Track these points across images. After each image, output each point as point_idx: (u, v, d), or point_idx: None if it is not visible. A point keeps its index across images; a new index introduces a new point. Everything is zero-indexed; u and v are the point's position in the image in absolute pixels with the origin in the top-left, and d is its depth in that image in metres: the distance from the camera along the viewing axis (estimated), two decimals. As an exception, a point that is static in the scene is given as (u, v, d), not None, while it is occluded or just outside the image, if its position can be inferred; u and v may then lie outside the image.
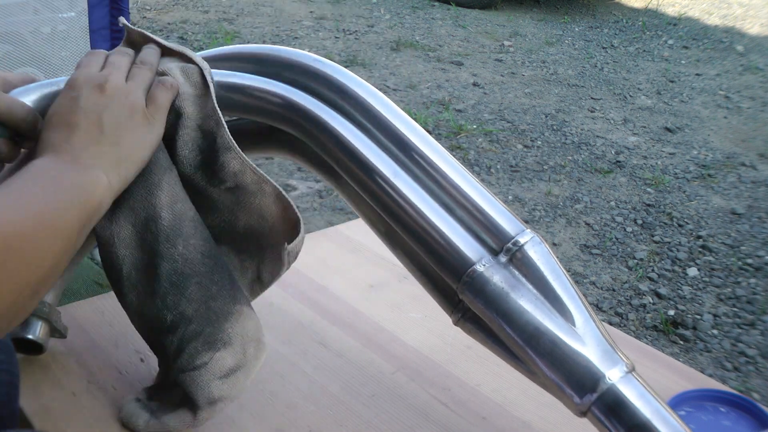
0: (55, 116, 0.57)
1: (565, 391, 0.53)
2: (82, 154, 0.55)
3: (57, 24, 1.62)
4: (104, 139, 0.56)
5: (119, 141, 0.57)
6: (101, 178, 0.55)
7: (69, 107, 0.57)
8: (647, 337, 1.91)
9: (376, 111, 0.63)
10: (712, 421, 0.73)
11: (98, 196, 0.54)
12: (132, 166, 0.58)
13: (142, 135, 0.58)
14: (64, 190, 0.53)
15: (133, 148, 0.58)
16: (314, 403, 0.76)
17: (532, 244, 0.57)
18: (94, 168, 0.55)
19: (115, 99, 0.57)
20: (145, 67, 0.61)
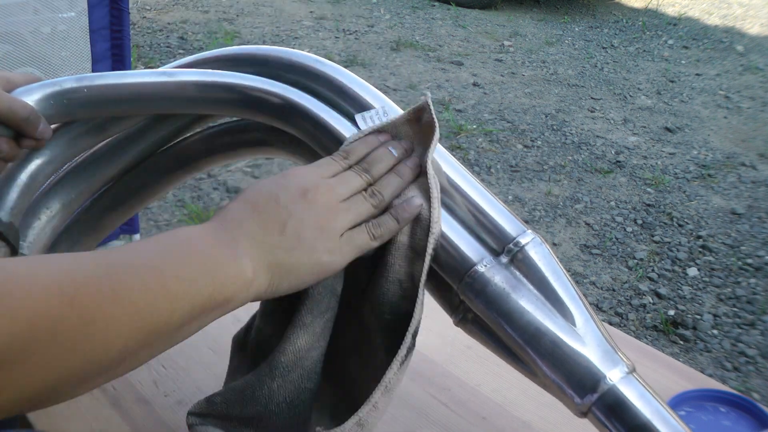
0: (250, 192, 0.51)
1: (565, 392, 0.53)
2: (244, 239, 0.47)
3: (57, 24, 1.62)
4: (279, 239, 0.48)
5: (292, 249, 0.49)
6: (247, 272, 0.46)
7: (268, 190, 0.50)
8: (647, 337, 1.91)
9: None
10: (712, 421, 0.73)
11: (231, 291, 0.45)
12: (287, 281, 0.49)
13: (317, 257, 0.50)
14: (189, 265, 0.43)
15: (302, 265, 0.49)
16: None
17: (533, 245, 0.56)
18: (247, 259, 0.47)
19: (315, 210, 0.50)
20: (371, 201, 0.53)
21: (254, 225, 0.48)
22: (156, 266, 0.42)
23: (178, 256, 0.44)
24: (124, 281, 0.40)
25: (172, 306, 0.41)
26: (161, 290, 0.41)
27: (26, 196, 0.64)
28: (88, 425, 0.71)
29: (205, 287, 0.44)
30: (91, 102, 0.63)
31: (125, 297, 0.40)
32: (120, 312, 0.39)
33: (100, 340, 0.38)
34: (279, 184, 0.51)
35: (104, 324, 0.38)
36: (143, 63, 3.67)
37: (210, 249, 0.46)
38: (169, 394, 0.76)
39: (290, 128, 0.66)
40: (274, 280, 0.48)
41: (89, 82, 0.62)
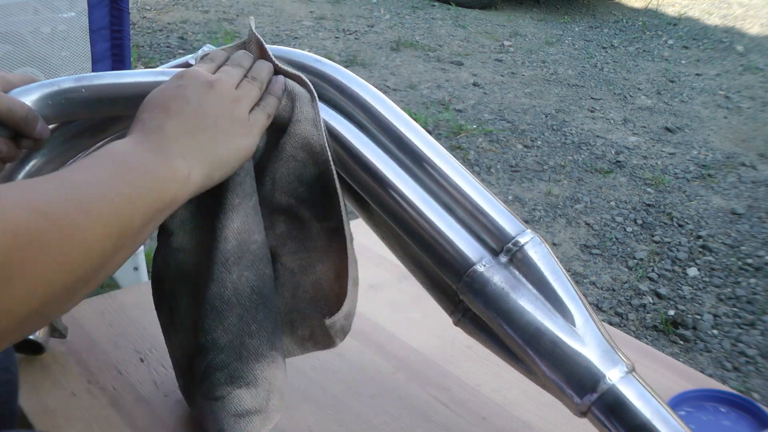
0: (155, 99, 0.55)
1: (565, 392, 0.53)
2: (171, 142, 0.52)
3: (57, 24, 1.62)
4: (201, 133, 0.53)
5: (215, 139, 0.54)
6: (182, 170, 0.51)
7: (173, 93, 0.55)
8: (647, 337, 1.91)
9: (376, 111, 0.63)
10: (712, 421, 0.73)
11: (173, 191, 0.50)
12: (219, 169, 0.55)
13: (238, 141, 0.56)
14: (134, 176, 0.48)
15: (228, 151, 0.55)
16: (314, 403, 0.76)
17: (533, 245, 0.56)
18: (179, 159, 0.51)
19: (222, 100, 0.56)
20: (255, 83, 0.60)
21: (174, 127, 0.52)
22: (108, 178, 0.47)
23: (123, 168, 0.48)
24: (87, 194, 0.44)
25: (131, 210, 0.46)
26: (118, 197, 0.46)
27: (25, 195, 0.63)
28: (88, 425, 0.71)
29: (152, 190, 0.48)
30: (90, 102, 0.62)
31: (92, 207, 0.44)
32: (91, 220, 0.43)
33: (81, 247, 0.42)
34: (180, 84, 0.56)
35: (80, 232, 0.42)
36: (143, 63, 3.67)
37: (145, 157, 0.50)
38: (169, 394, 0.76)
39: (290, 128, 0.65)
40: (208, 172, 0.53)
41: (87, 82, 0.62)
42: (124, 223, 0.45)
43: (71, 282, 0.42)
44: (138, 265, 1.60)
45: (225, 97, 0.56)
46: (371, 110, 0.63)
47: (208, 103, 0.55)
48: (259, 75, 0.61)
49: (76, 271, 0.42)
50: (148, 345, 0.83)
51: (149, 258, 1.96)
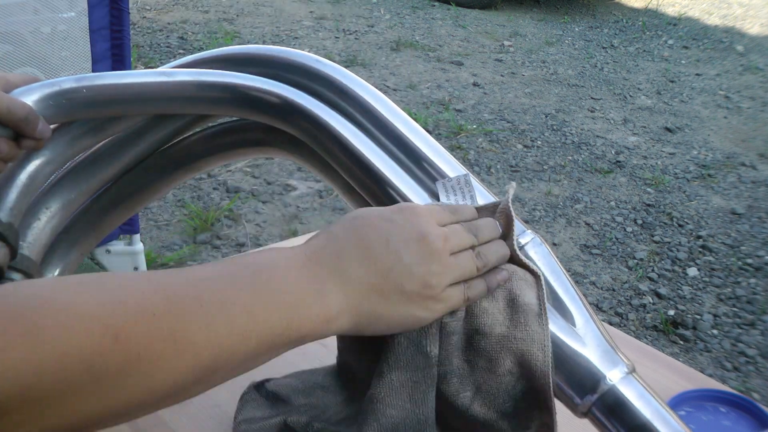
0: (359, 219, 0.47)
1: (565, 392, 0.53)
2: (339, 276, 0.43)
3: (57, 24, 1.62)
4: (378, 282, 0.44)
5: (389, 298, 0.45)
6: (331, 310, 0.42)
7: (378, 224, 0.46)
8: (647, 337, 1.91)
9: (376, 111, 0.63)
10: (712, 421, 0.73)
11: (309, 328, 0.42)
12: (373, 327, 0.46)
13: (413, 311, 0.46)
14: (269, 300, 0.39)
15: (394, 313, 0.45)
16: (314, 403, 0.75)
17: (533, 245, 0.56)
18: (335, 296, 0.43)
19: (423, 261, 0.46)
20: (478, 261, 0.49)
21: (356, 263, 0.44)
22: (226, 300, 0.38)
23: (256, 289, 0.39)
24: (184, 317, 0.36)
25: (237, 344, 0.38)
26: (226, 328, 0.37)
27: (26, 196, 0.64)
28: (87, 425, 0.71)
29: (280, 325, 0.40)
30: (91, 102, 0.63)
31: (183, 335, 0.35)
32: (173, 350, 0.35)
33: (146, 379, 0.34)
34: (393, 221, 0.47)
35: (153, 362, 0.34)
36: (143, 63, 3.67)
37: (295, 284, 0.41)
38: (169, 395, 0.76)
39: (290, 128, 0.65)
40: (359, 324, 0.45)
41: (88, 83, 0.62)
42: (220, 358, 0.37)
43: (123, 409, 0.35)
44: (138, 265, 1.61)
45: (429, 257, 0.46)
46: (371, 110, 0.63)
47: (406, 254, 0.45)
48: (489, 255, 0.50)
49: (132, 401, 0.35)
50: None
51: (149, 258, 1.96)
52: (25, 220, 0.66)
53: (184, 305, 0.36)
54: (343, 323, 0.44)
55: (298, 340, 0.42)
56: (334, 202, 2.43)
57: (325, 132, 0.63)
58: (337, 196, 0.59)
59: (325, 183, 0.69)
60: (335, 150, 0.63)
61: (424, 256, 0.46)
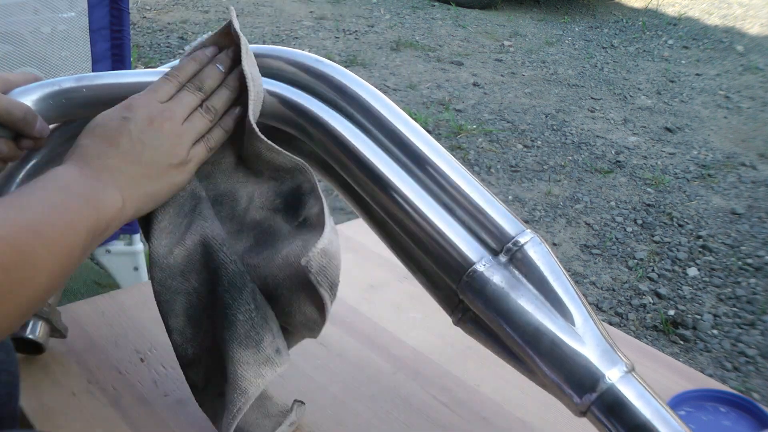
0: (99, 128, 0.57)
1: (564, 391, 0.53)
2: (110, 174, 0.54)
3: (57, 24, 1.62)
4: (138, 169, 0.56)
5: (151, 176, 0.57)
6: (116, 200, 0.54)
7: (117, 125, 0.56)
8: (647, 337, 1.91)
9: (376, 111, 0.63)
10: (712, 421, 0.73)
11: (108, 217, 0.53)
12: (150, 202, 0.58)
13: (172, 177, 0.58)
14: (76, 206, 0.51)
15: (161, 188, 0.58)
16: (314, 403, 0.76)
17: (533, 244, 0.57)
18: (114, 188, 0.54)
19: (164, 137, 0.57)
20: (208, 115, 0.60)
21: (114, 159, 0.55)
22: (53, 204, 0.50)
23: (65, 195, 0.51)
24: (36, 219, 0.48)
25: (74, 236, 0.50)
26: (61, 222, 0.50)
27: (26, 195, 0.63)
28: (88, 425, 0.71)
29: (91, 217, 0.52)
30: (90, 102, 0.63)
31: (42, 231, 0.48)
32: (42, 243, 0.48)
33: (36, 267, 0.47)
34: (124, 115, 0.57)
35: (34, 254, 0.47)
36: (143, 63, 3.67)
37: (85, 185, 0.53)
38: (169, 394, 0.76)
39: (290, 128, 0.66)
40: (139, 206, 0.57)
41: (88, 82, 0.63)
42: (69, 245, 0.50)
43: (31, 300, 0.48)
44: (138, 265, 1.61)
45: (166, 134, 0.57)
46: (371, 110, 0.63)
47: (148, 139, 0.56)
48: (216, 104, 0.61)
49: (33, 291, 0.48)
50: (148, 345, 0.83)
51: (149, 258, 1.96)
52: (25, 219, 0.66)
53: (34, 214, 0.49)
54: (128, 209, 0.55)
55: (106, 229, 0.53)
56: (334, 201, 2.43)
57: (324, 132, 0.63)
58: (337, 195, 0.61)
59: (324, 182, 0.70)
60: (334, 150, 0.63)
61: (159, 134, 0.57)
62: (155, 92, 0.59)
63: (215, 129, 0.61)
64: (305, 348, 0.84)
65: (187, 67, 0.61)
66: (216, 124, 0.61)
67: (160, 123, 0.57)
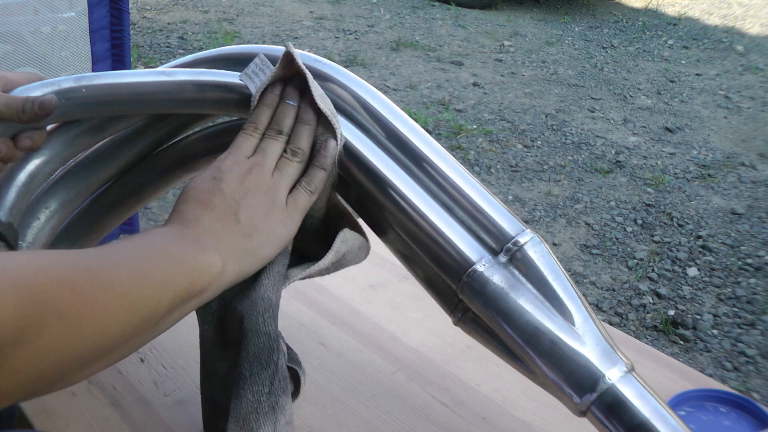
0: (192, 191, 0.55)
1: (564, 391, 0.53)
2: (207, 235, 0.52)
3: (57, 24, 1.62)
4: (236, 228, 0.53)
5: (251, 234, 0.54)
6: (216, 264, 0.51)
7: (210, 187, 0.54)
8: (647, 337, 1.91)
9: (375, 111, 0.63)
10: (712, 421, 0.73)
11: (205, 282, 0.50)
12: (255, 262, 0.55)
13: (275, 233, 0.55)
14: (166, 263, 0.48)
15: (263, 243, 0.55)
16: (314, 403, 0.76)
17: (532, 244, 0.56)
18: (213, 252, 0.51)
19: (257, 191, 0.55)
20: (296, 160, 0.58)
21: (210, 220, 0.53)
22: (138, 259, 0.47)
23: (155, 252, 0.48)
24: (115, 272, 0.45)
25: (157, 295, 0.46)
26: (147, 280, 0.46)
27: (25, 195, 0.64)
28: (88, 425, 0.71)
29: (183, 279, 0.48)
30: (90, 102, 0.63)
31: (118, 286, 0.44)
32: (115, 299, 0.43)
33: (100, 323, 0.42)
34: (216, 177, 0.55)
35: (103, 308, 0.42)
36: (143, 63, 3.67)
37: (179, 245, 0.50)
38: (169, 394, 0.76)
39: (289, 128, 0.65)
40: (242, 265, 0.53)
41: (88, 82, 0.63)
42: (148, 307, 0.45)
43: (83, 355, 0.42)
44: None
45: (259, 187, 0.55)
46: (371, 110, 0.63)
47: (241, 196, 0.54)
48: (301, 145, 0.59)
49: (89, 346, 0.42)
50: (148, 345, 0.83)
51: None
52: (25, 219, 0.66)
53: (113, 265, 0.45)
54: (230, 271, 0.52)
55: (201, 293, 0.50)
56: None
57: (324, 131, 0.63)
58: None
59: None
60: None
61: (253, 189, 0.55)
62: (239, 149, 0.57)
63: (313, 171, 0.59)
64: (305, 348, 0.84)
65: (261, 115, 0.60)
66: (312, 165, 0.59)
67: (251, 178, 0.55)
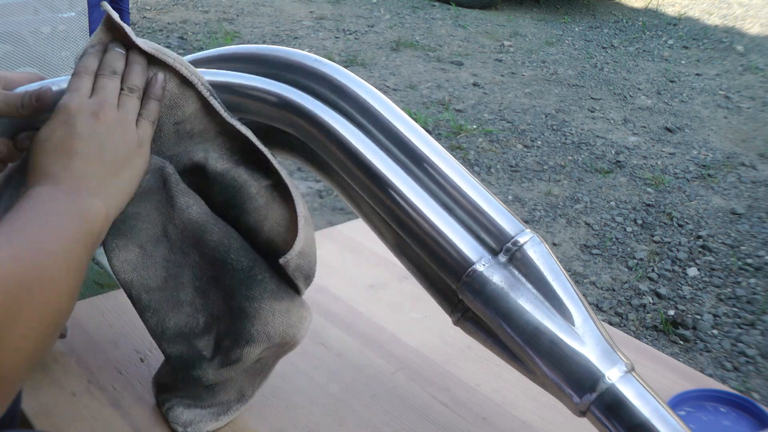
0: (49, 142, 0.55)
1: (564, 391, 0.53)
2: (84, 183, 0.54)
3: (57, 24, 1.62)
4: (105, 169, 0.55)
5: (119, 172, 0.56)
6: (99, 207, 0.54)
7: (65, 133, 0.55)
8: (647, 337, 1.91)
9: (375, 111, 0.63)
10: (712, 421, 0.73)
11: (98, 227, 0.53)
12: (127, 196, 0.58)
13: (135, 164, 0.58)
14: (70, 222, 0.51)
15: (131, 178, 0.58)
16: (314, 403, 0.76)
17: (532, 244, 0.57)
18: (95, 197, 0.54)
19: (113, 129, 0.57)
20: (134, 95, 0.60)
21: (80, 168, 0.54)
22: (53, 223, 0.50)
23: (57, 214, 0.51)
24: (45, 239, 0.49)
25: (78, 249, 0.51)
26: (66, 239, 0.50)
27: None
28: (88, 425, 0.71)
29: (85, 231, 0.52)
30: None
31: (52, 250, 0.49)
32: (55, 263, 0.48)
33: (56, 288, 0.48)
34: (68, 122, 0.55)
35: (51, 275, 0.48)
36: (143, 63, 3.67)
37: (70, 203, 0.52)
38: (169, 394, 0.76)
39: (289, 128, 0.66)
40: (118, 203, 0.56)
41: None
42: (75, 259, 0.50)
43: (57, 319, 0.48)
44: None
45: (113, 124, 0.57)
46: (371, 110, 0.63)
47: (101, 136, 0.56)
48: (135, 81, 0.60)
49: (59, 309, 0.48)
50: (148, 345, 0.83)
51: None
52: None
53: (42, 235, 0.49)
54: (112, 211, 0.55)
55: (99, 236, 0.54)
56: (334, 202, 2.43)
57: (324, 132, 0.63)
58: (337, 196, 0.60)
59: (324, 183, 0.70)
60: (334, 150, 0.63)
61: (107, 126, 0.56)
62: (77, 91, 0.58)
63: (148, 102, 0.61)
64: (305, 348, 0.84)
65: (89, 60, 0.61)
66: (146, 97, 0.61)
67: (103, 116, 0.56)
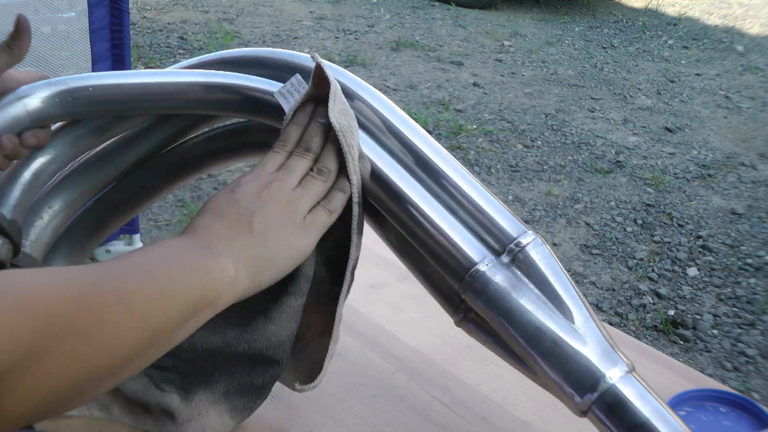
0: (209, 204, 0.54)
1: (565, 391, 0.53)
2: (218, 241, 0.50)
3: (57, 24, 1.62)
4: (249, 236, 0.52)
5: (264, 242, 0.52)
6: (228, 269, 0.49)
7: (225, 199, 0.54)
8: (647, 337, 1.91)
9: (376, 112, 0.63)
10: (712, 421, 0.73)
11: (218, 289, 0.48)
12: (269, 272, 0.53)
13: (290, 244, 0.54)
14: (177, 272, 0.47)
15: (278, 253, 0.53)
16: (314, 403, 0.76)
17: (534, 245, 0.57)
18: (225, 258, 0.49)
19: (275, 204, 0.54)
20: (320, 179, 0.57)
21: (223, 228, 0.51)
22: (147, 271, 0.46)
23: (165, 262, 0.47)
24: (124, 285, 0.44)
25: (168, 306, 0.45)
26: (156, 292, 0.45)
27: (29, 194, 0.64)
28: (88, 425, 0.71)
29: (195, 287, 0.47)
30: (97, 101, 0.63)
31: (127, 299, 0.43)
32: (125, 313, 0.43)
33: (112, 338, 0.42)
34: (234, 190, 0.54)
35: (113, 323, 0.42)
36: (143, 63, 3.68)
37: (191, 252, 0.49)
38: (170, 394, 0.76)
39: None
40: (255, 274, 0.51)
41: (95, 81, 0.63)
42: (160, 319, 0.45)
43: (99, 368, 0.42)
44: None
45: (276, 200, 0.54)
46: (372, 111, 0.63)
47: (257, 207, 0.53)
48: (329, 165, 0.58)
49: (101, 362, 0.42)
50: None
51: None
52: (28, 218, 0.66)
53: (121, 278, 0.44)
54: (243, 278, 0.50)
55: (214, 302, 0.48)
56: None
57: (326, 132, 0.63)
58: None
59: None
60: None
61: (269, 201, 0.53)
62: (263, 166, 0.56)
63: (333, 192, 0.58)
64: (306, 348, 0.85)
65: (291, 133, 0.59)
66: (333, 187, 0.58)
67: (269, 191, 0.54)
